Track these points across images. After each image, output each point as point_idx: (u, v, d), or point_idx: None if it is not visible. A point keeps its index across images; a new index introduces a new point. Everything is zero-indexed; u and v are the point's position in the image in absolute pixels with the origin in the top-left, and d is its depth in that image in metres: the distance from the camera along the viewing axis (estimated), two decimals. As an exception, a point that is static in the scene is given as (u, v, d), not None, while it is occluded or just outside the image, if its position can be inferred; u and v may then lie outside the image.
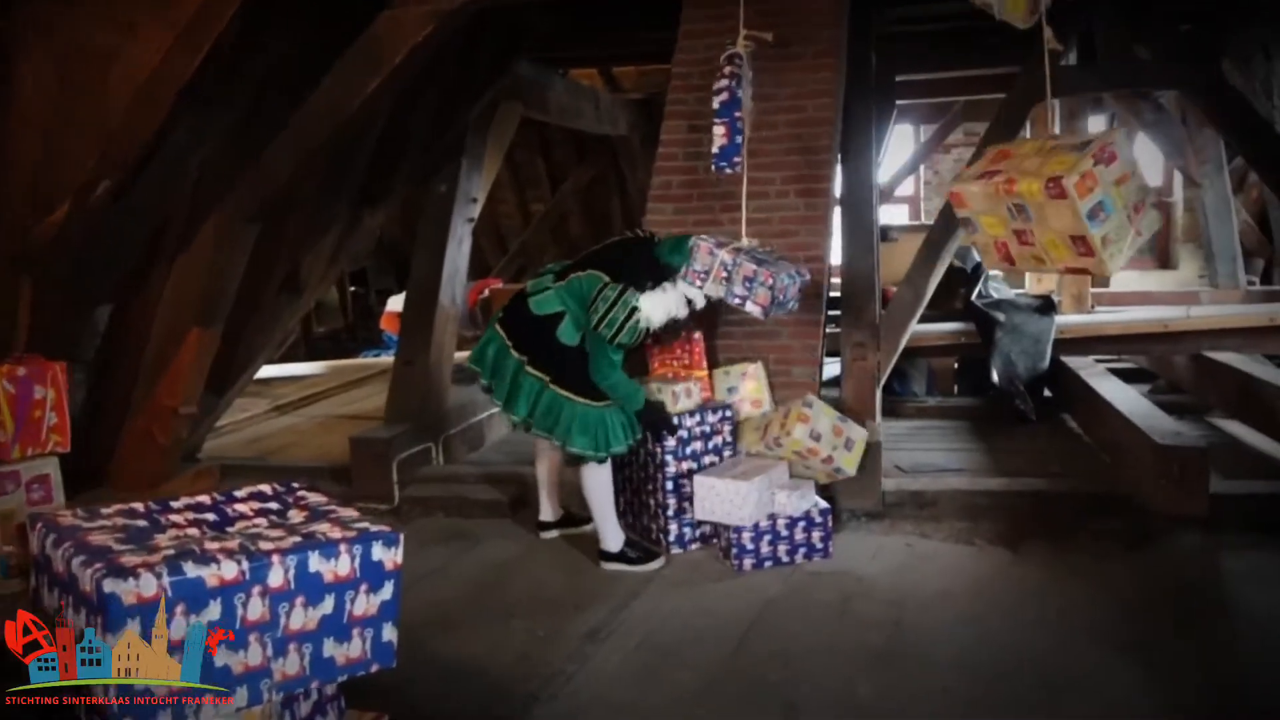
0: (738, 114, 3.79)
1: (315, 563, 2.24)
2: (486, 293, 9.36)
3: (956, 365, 8.15)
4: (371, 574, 2.33)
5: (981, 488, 4.66)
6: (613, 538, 4.14)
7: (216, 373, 5.07)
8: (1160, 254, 10.36)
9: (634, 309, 3.88)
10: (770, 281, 3.81)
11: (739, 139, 3.86)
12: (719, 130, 3.85)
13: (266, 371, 7.72)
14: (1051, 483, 4.65)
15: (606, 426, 4.02)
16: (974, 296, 7.01)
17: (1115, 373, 6.46)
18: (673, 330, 4.13)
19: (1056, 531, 4.28)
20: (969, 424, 6.41)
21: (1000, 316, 6.65)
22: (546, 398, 4.01)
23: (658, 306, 3.94)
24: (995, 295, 7.11)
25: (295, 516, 2.48)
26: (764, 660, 3.27)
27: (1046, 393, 6.56)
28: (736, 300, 3.90)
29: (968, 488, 4.66)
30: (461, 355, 6.74)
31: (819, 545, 4.15)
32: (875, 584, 3.87)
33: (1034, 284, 8.04)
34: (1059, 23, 3.43)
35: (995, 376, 6.53)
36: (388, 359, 8.05)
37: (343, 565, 2.28)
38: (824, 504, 4.21)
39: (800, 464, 4.22)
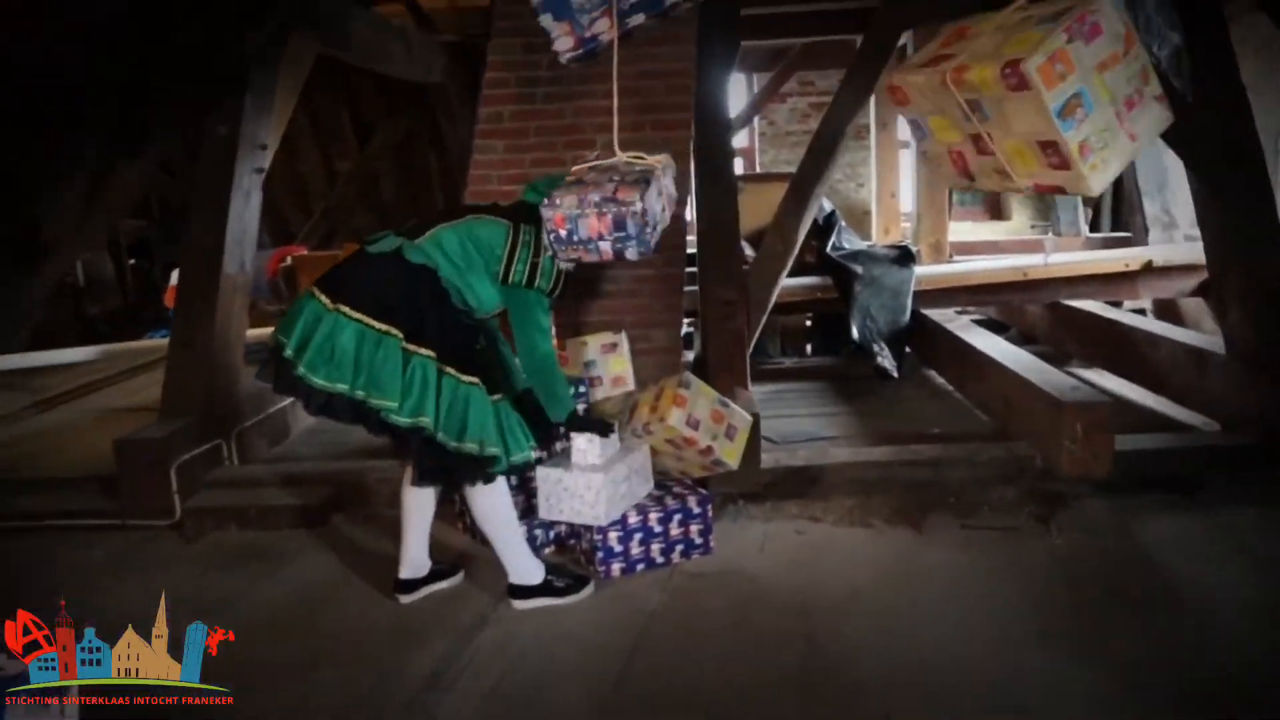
0: None
1: None
2: (289, 260, 8.29)
3: (809, 322, 7.75)
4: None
5: (869, 459, 4.13)
6: (530, 568, 3.19)
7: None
8: (991, 205, 10.24)
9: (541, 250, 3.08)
10: (581, 206, 2.94)
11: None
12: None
13: (21, 360, 6.55)
14: (945, 449, 4.16)
15: (503, 427, 3.06)
16: (828, 248, 6.56)
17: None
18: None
19: (958, 504, 3.81)
20: (829, 385, 6.01)
21: (858, 269, 6.23)
22: (448, 387, 2.94)
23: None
24: (849, 247, 6.67)
25: None
26: (655, 701, 2.60)
27: (906, 348, 6.21)
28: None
29: (853, 459, 4.12)
30: (256, 333, 5.77)
31: (698, 540, 3.52)
32: (771, 585, 3.26)
33: (883, 233, 7.68)
34: None
35: (855, 332, 6.11)
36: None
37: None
38: (703, 491, 3.58)
39: (672, 455, 3.55)
